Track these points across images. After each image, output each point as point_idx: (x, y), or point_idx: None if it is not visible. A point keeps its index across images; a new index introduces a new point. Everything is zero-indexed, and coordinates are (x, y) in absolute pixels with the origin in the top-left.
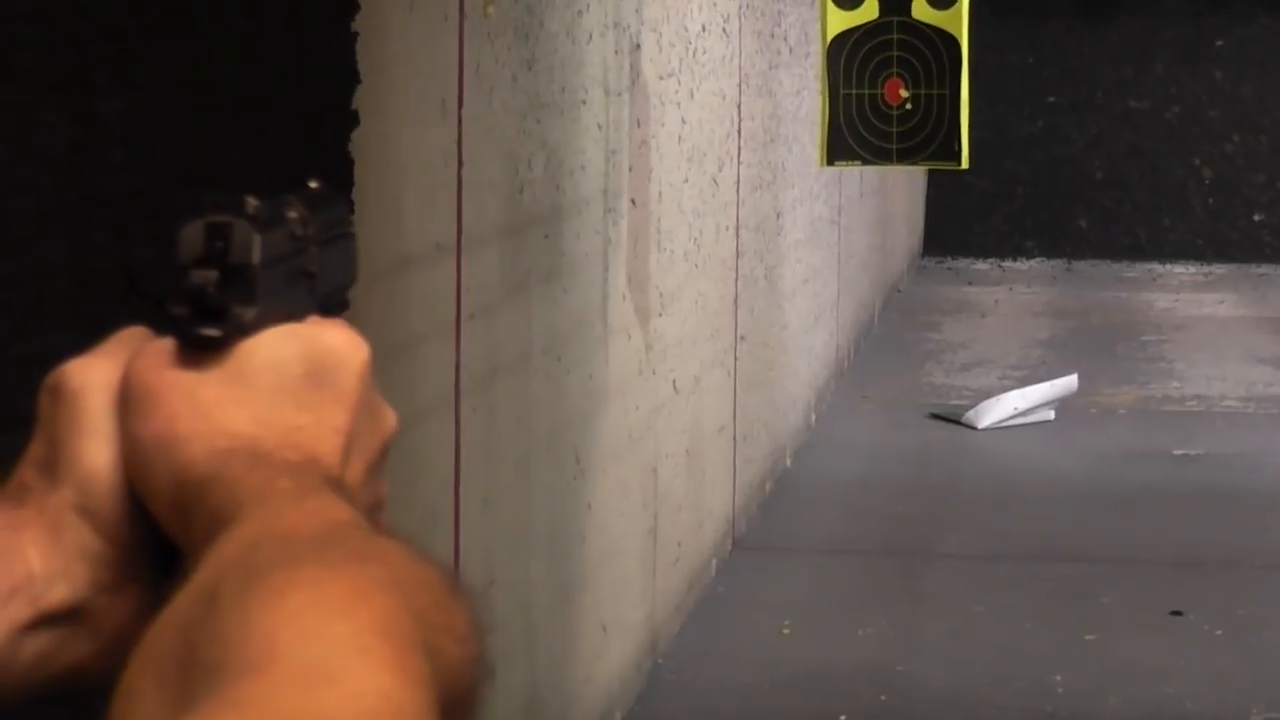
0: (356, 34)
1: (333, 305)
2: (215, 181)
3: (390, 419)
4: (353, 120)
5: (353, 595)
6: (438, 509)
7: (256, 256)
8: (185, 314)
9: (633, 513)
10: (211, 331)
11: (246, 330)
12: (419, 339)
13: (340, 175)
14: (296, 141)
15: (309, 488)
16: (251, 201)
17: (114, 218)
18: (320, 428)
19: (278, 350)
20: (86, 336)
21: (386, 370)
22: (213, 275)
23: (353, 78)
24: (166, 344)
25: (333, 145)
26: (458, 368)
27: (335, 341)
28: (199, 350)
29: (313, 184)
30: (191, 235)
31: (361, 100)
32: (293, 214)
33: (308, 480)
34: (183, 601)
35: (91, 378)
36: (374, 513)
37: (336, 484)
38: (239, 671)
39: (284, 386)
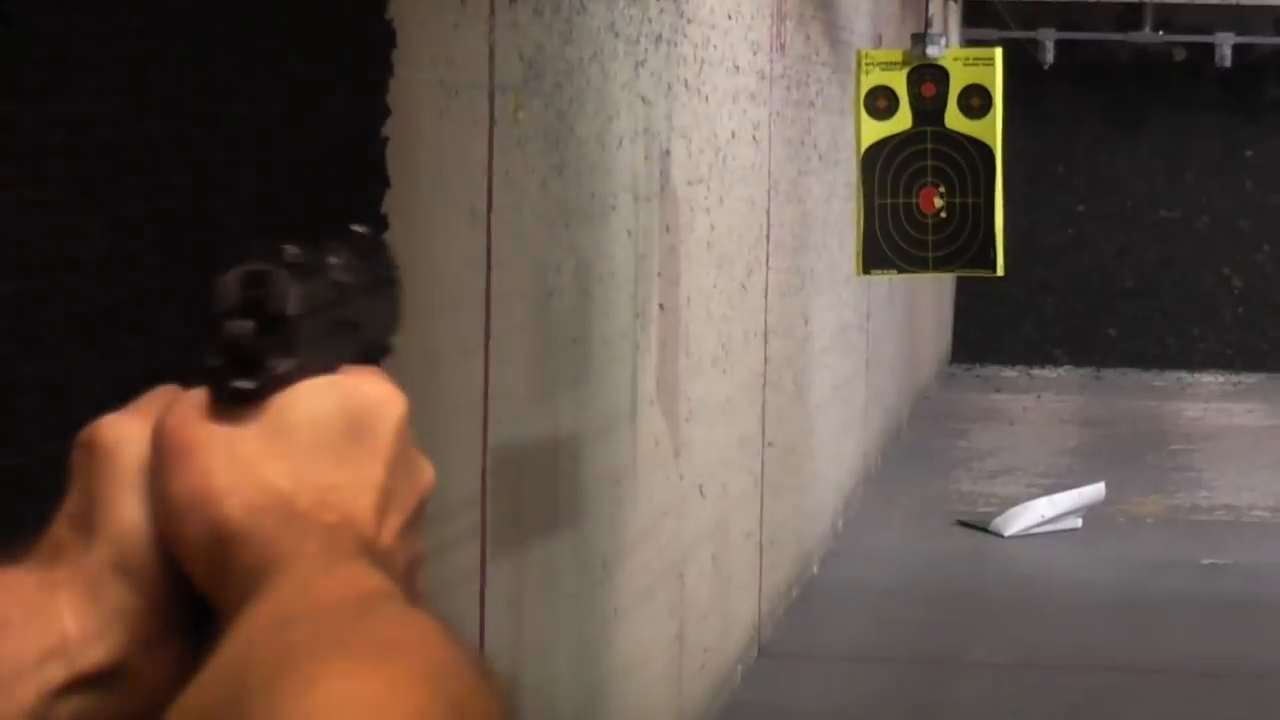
0: (387, 139)
1: (375, 354)
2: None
3: (428, 473)
4: (382, 225)
5: (387, 692)
6: (463, 612)
7: (294, 307)
8: (220, 365)
9: (659, 618)
10: (247, 384)
11: (283, 382)
12: (446, 443)
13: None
14: None
15: (341, 552)
16: (290, 250)
17: (145, 321)
18: (357, 484)
19: (315, 404)
20: None
21: None
22: (249, 326)
23: (383, 183)
24: (200, 396)
25: None
26: (484, 472)
27: (374, 394)
28: (234, 403)
29: (357, 229)
30: (228, 284)
31: (391, 205)
32: (335, 260)
33: (341, 544)
34: (209, 681)
35: (126, 432)
36: (410, 571)
37: (371, 545)
38: None
39: (321, 442)
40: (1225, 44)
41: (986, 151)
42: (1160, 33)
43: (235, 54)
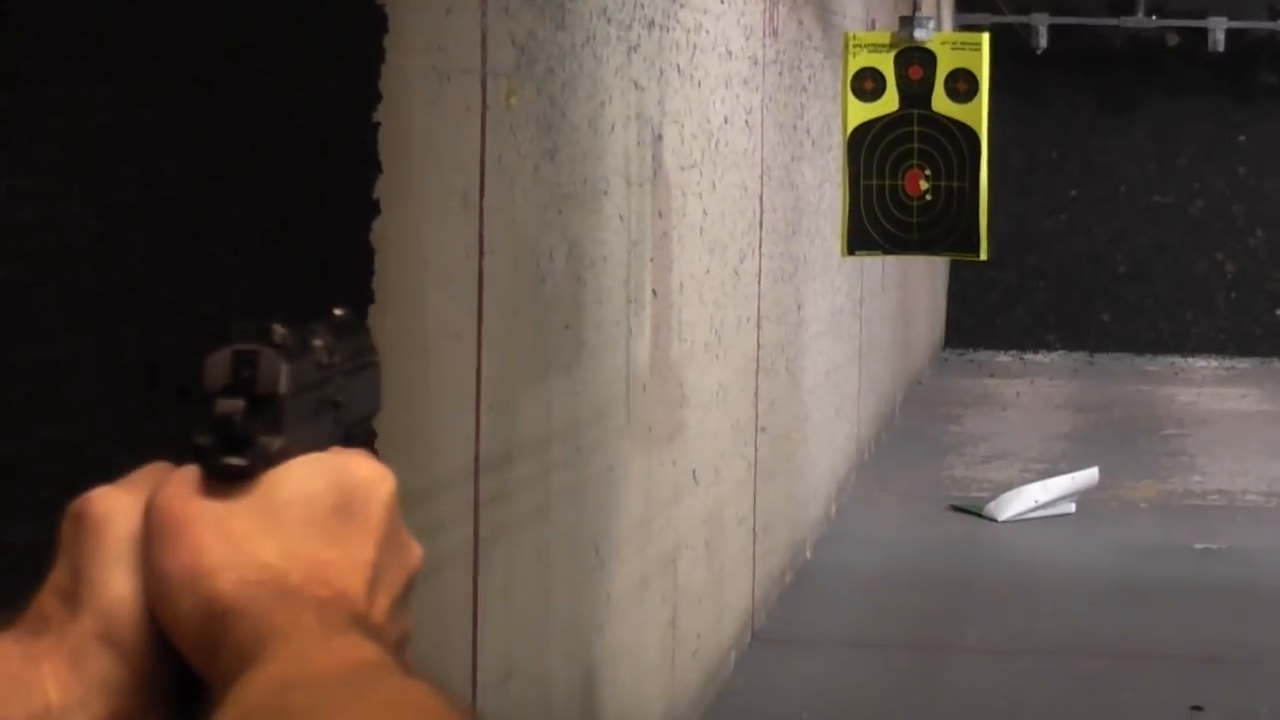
0: (379, 124)
1: (357, 435)
2: (237, 271)
3: (416, 553)
4: (374, 210)
5: None
6: (456, 599)
7: (284, 386)
8: (211, 444)
9: (652, 604)
10: (238, 461)
11: (273, 460)
12: (438, 428)
13: (361, 265)
14: (318, 231)
15: (336, 625)
16: (279, 330)
17: (137, 307)
18: (348, 561)
19: (306, 482)
20: (109, 426)
21: (404, 459)
22: (239, 404)
23: (374, 168)
24: (192, 474)
25: (354, 235)
26: (476, 458)
27: (363, 473)
28: (225, 480)
29: (338, 311)
30: (218, 364)
31: (383, 191)
32: (318, 342)
33: (334, 617)
34: None
35: (116, 505)
36: (399, 648)
37: (363, 620)
38: None
39: (313, 519)
40: (1218, 29)
41: (972, 136)
42: (1153, 18)
43: (227, 39)
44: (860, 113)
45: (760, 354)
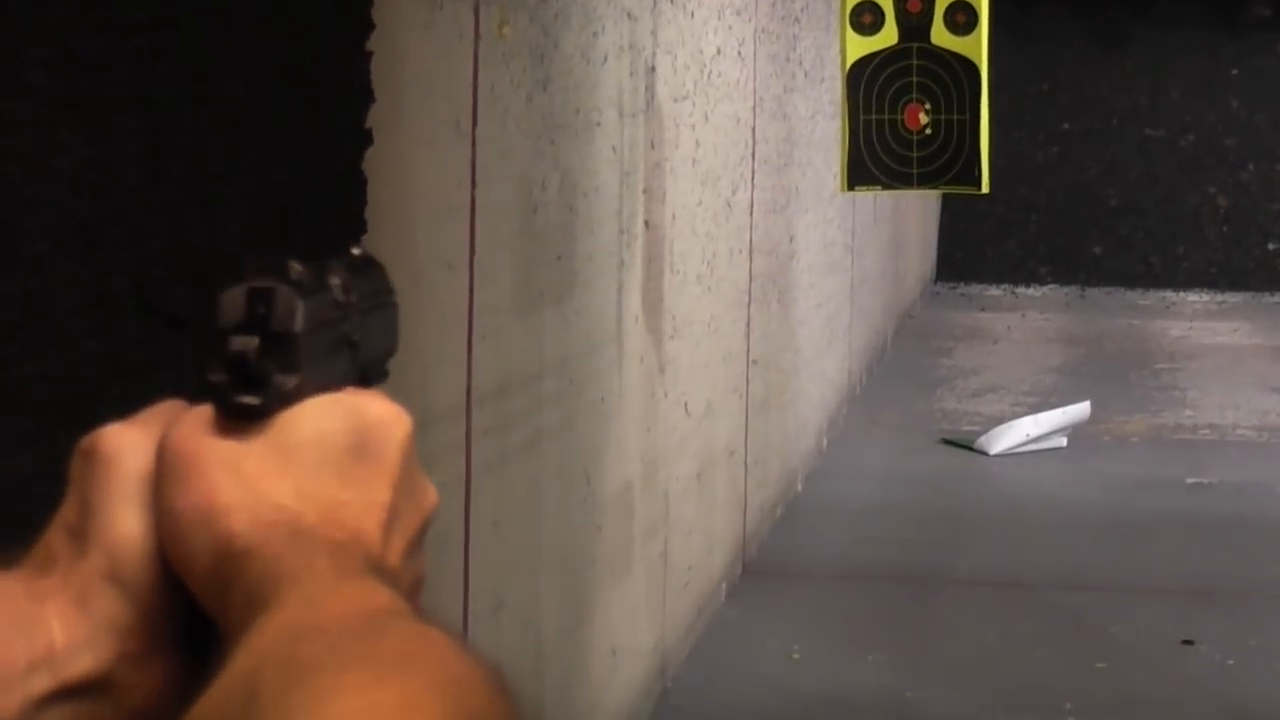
0: (371, 53)
1: (373, 375)
2: (228, 199)
3: (431, 495)
4: (366, 139)
5: (404, 704)
6: (447, 531)
7: (300, 324)
8: (224, 381)
9: (643, 536)
10: (252, 400)
11: (287, 400)
12: (430, 359)
13: (353, 194)
14: (311, 160)
15: (350, 569)
16: (295, 266)
17: (127, 235)
18: (363, 503)
19: (321, 422)
20: (100, 354)
21: (396, 389)
22: (254, 342)
23: (367, 97)
24: (205, 412)
25: (346, 164)
26: (468, 389)
27: (379, 414)
28: (239, 419)
29: (355, 250)
30: (233, 300)
31: (375, 120)
32: (335, 280)
33: (349, 561)
34: (220, 693)
35: (127, 442)
36: (413, 592)
37: (378, 564)
38: None
39: (328, 459)
40: None
41: (972, 68)
42: None
43: None
44: (859, 46)
45: (752, 286)
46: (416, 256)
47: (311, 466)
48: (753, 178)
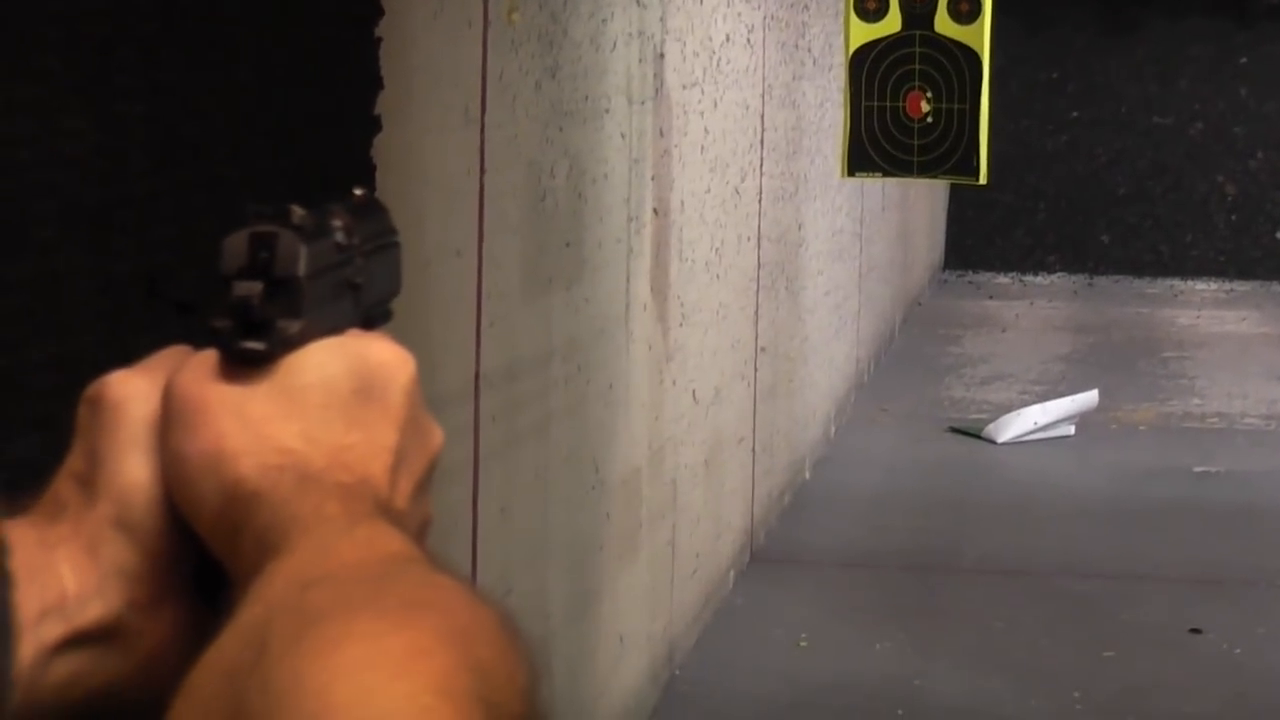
0: (380, 40)
1: (376, 316)
2: (237, 185)
3: (437, 436)
4: (375, 126)
5: (412, 651)
6: (456, 517)
7: (303, 268)
8: (228, 327)
9: (651, 523)
10: (256, 345)
11: (292, 344)
12: (438, 344)
13: (362, 180)
14: (319, 146)
15: (359, 514)
16: (297, 211)
17: (136, 221)
18: (370, 446)
19: (326, 365)
20: (108, 339)
21: None
22: (257, 287)
23: (376, 83)
24: (210, 357)
25: (355, 150)
26: (477, 374)
27: (383, 356)
28: (243, 364)
29: (357, 192)
30: (235, 246)
31: (384, 106)
32: (337, 223)
33: (358, 505)
34: (230, 642)
35: (133, 389)
36: (420, 534)
37: (386, 507)
38: None
39: (333, 403)
40: None
41: (974, 58)
42: None
43: None
44: (862, 33)
45: (760, 273)
46: (425, 243)
47: (317, 410)
48: (761, 165)
